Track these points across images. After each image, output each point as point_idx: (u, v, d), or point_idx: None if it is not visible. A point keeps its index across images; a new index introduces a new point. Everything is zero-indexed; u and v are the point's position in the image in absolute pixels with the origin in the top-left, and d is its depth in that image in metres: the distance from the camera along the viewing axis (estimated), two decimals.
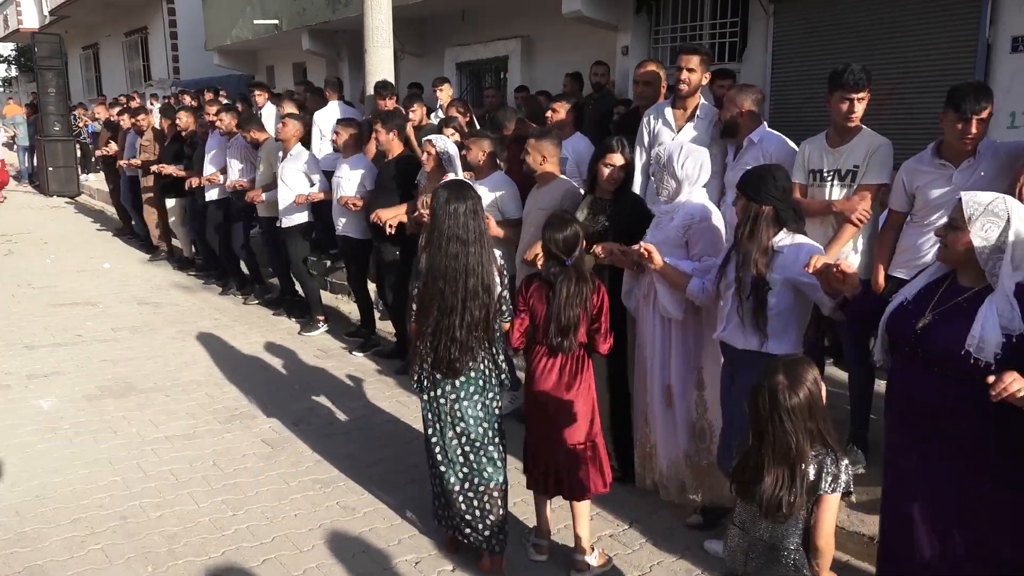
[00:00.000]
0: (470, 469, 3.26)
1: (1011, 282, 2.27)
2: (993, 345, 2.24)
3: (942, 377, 2.36)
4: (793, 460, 2.14)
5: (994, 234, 2.29)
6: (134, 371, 5.72)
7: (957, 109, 3.27)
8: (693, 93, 4.35)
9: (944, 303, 2.40)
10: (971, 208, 2.32)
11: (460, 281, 3.07)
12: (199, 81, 15.47)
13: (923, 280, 2.53)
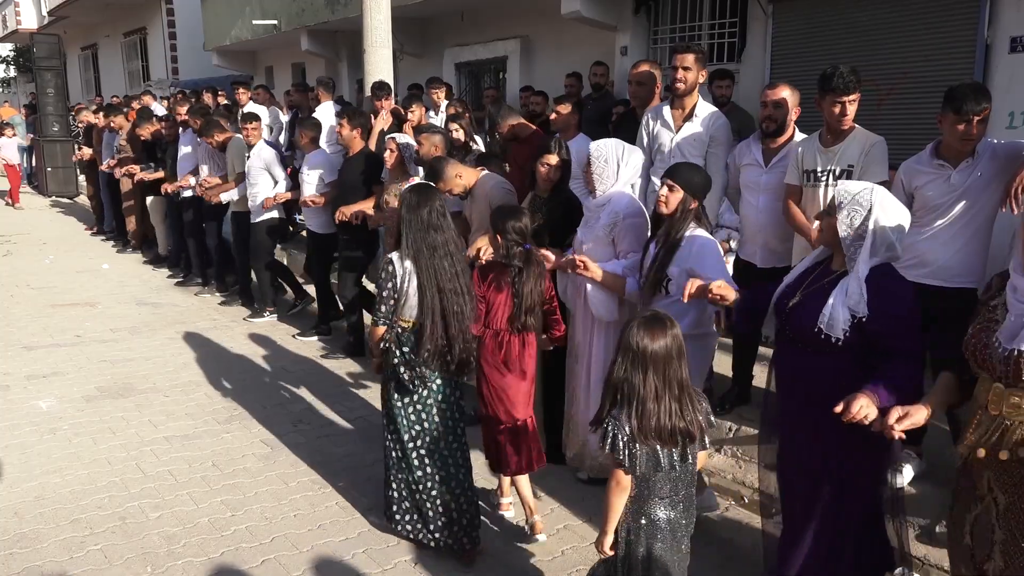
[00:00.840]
0: (457, 467, 3.39)
1: (865, 268, 2.45)
2: (840, 323, 2.43)
3: (805, 352, 2.57)
4: (684, 389, 2.39)
5: (857, 222, 2.46)
6: (133, 372, 5.72)
7: (957, 111, 3.27)
8: (690, 92, 4.34)
9: (812, 285, 2.60)
10: (841, 196, 2.50)
11: (460, 290, 3.24)
12: (198, 81, 15.46)
13: (805, 264, 2.75)
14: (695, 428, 2.39)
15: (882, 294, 2.44)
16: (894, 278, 2.51)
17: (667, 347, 2.36)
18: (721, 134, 4.35)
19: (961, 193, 3.37)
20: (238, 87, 9.61)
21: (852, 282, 2.47)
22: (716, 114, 4.40)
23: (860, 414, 2.27)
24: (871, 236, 2.46)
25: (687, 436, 2.38)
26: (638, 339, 2.36)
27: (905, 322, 2.47)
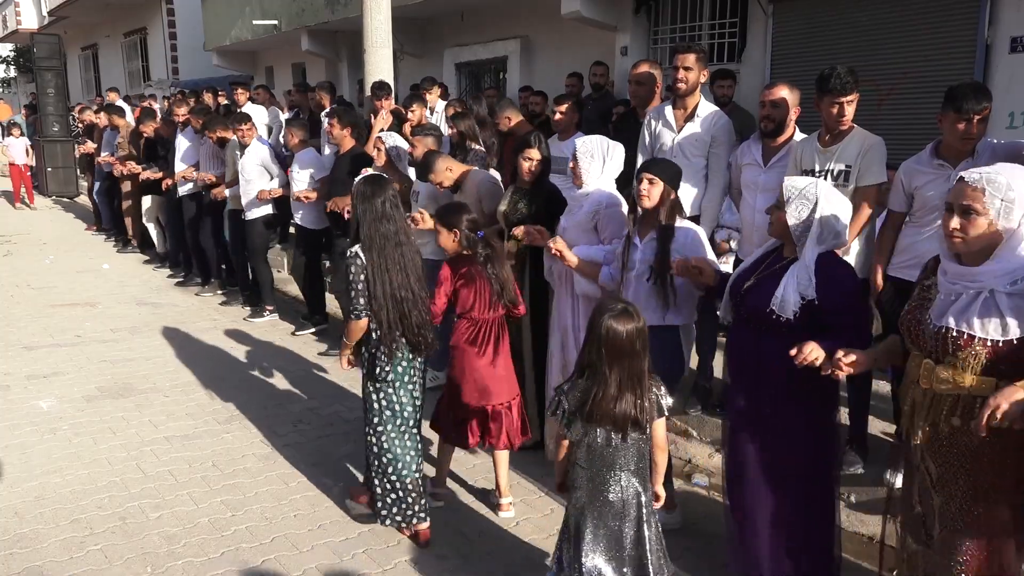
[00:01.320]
0: (416, 449, 3.53)
1: (812, 255, 2.70)
2: (791, 305, 2.66)
3: (757, 332, 2.78)
4: (642, 381, 2.54)
5: (804, 214, 2.70)
6: (133, 372, 5.72)
7: (959, 110, 3.27)
8: (692, 92, 4.34)
9: (766, 271, 2.83)
10: (789, 191, 2.74)
11: (411, 275, 3.39)
12: (198, 81, 15.47)
13: (760, 252, 2.99)
14: (644, 417, 2.55)
15: (828, 278, 2.68)
16: (839, 264, 2.77)
17: (632, 339, 2.50)
18: (723, 134, 4.35)
19: None
20: (237, 87, 9.64)
21: (801, 268, 2.70)
22: (718, 114, 4.40)
23: (811, 356, 2.49)
24: (817, 226, 2.69)
25: (636, 423, 2.55)
26: (606, 329, 2.50)
27: (849, 303, 2.70)
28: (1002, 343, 2.14)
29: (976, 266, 2.19)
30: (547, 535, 3.54)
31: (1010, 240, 2.16)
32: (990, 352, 2.15)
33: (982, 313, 2.16)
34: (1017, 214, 2.15)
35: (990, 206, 2.14)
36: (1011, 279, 2.14)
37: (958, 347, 2.18)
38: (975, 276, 2.18)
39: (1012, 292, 2.13)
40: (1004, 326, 2.13)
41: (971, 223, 2.17)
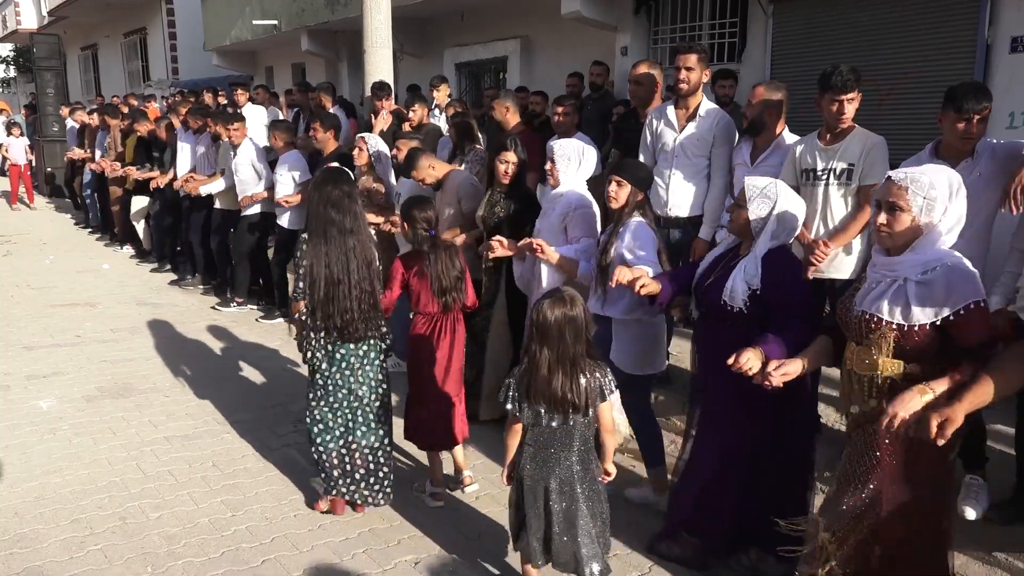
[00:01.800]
0: (368, 428, 3.63)
1: (763, 248, 2.89)
2: (740, 294, 2.85)
3: (716, 325, 2.99)
4: (576, 364, 2.68)
5: (764, 212, 2.89)
6: (133, 372, 5.72)
7: (959, 110, 3.27)
8: (694, 92, 4.34)
9: (724, 268, 3.01)
10: (751, 191, 2.92)
11: (351, 262, 3.46)
12: (198, 82, 15.46)
13: (719, 251, 3.18)
14: (581, 400, 2.67)
15: (777, 271, 2.86)
16: (788, 258, 2.96)
17: (561, 324, 2.65)
18: (724, 134, 4.35)
19: None
20: (236, 88, 9.65)
21: (749, 260, 2.90)
22: (720, 114, 4.40)
23: (745, 365, 2.65)
24: (774, 222, 2.89)
25: (571, 405, 2.68)
26: (538, 314, 2.68)
27: (796, 294, 2.89)
28: (907, 328, 2.32)
29: (896, 257, 2.38)
30: None
31: (929, 234, 2.34)
32: (897, 335, 2.33)
33: (892, 299, 2.36)
34: (938, 211, 2.33)
35: (913, 203, 2.32)
36: (923, 269, 2.32)
37: (871, 329, 2.39)
38: (894, 266, 2.38)
39: (920, 281, 2.32)
40: (908, 312, 2.32)
41: (896, 219, 2.35)
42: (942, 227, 2.35)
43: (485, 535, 3.54)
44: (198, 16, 15.78)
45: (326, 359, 3.54)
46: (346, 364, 3.55)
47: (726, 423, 3.06)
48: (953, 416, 2.12)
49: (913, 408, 2.21)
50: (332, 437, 3.60)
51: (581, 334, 2.68)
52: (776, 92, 4.08)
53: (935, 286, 2.30)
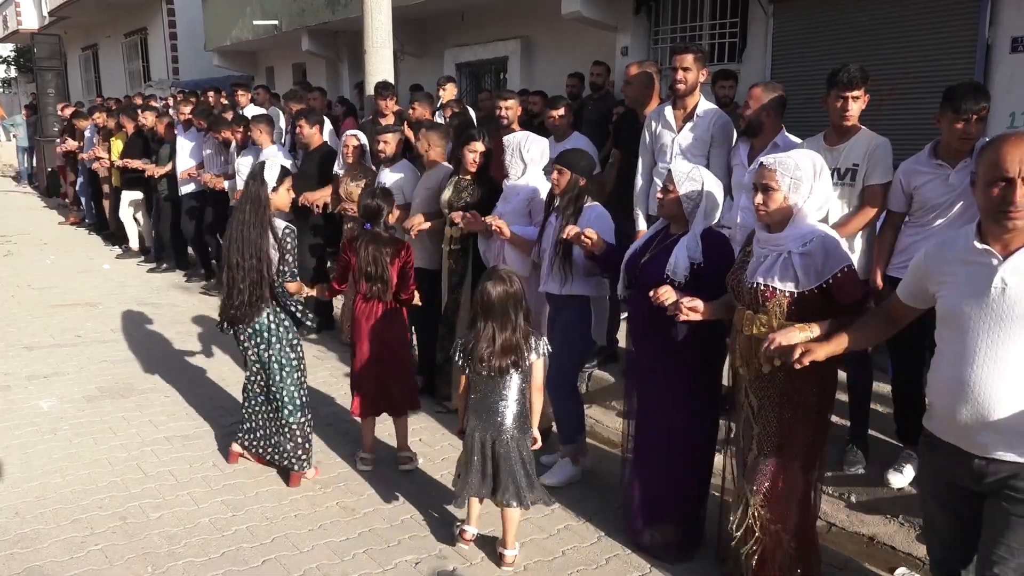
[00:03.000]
0: (272, 404, 3.99)
1: (700, 227, 3.18)
2: (682, 269, 3.13)
3: (648, 298, 3.13)
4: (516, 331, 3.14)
5: (694, 192, 3.18)
6: (134, 372, 5.72)
7: (956, 110, 3.27)
8: (691, 92, 4.34)
9: (658, 246, 3.30)
10: (678, 176, 3.22)
11: (244, 248, 3.78)
12: (198, 82, 15.47)
13: (650, 232, 3.45)
14: (511, 362, 3.13)
15: (711, 247, 3.18)
16: (719, 236, 3.27)
17: (503, 299, 3.10)
18: (722, 133, 4.35)
19: (960, 193, 3.37)
20: (238, 88, 9.66)
21: (691, 239, 3.18)
22: (718, 113, 4.40)
23: (663, 295, 2.98)
24: (705, 201, 3.18)
25: (512, 365, 3.14)
26: (482, 292, 3.14)
27: (725, 267, 3.08)
28: (796, 294, 2.68)
29: (778, 233, 2.73)
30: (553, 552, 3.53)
31: (801, 213, 2.70)
32: (789, 301, 2.69)
33: (781, 271, 2.70)
34: (804, 189, 2.68)
35: (782, 183, 2.68)
36: (802, 242, 2.68)
37: (766, 299, 2.72)
38: (777, 241, 2.73)
39: (802, 252, 2.67)
40: (796, 280, 2.67)
41: (769, 198, 2.71)
42: (811, 205, 2.71)
43: (485, 535, 3.54)
44: (199, 16, 15.79)
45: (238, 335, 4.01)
46: (260, 340, 3.94)
47: (664, 389, 3.30)
48: (814, 350, 2.50)
49: (792, 339, 2.57)
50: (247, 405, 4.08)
51: (519, 305, 3.14)
52: (773, 92, 4.08)
53: (815, 256, 2.65)
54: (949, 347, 2.21)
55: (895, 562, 3.28)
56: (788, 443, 2.79)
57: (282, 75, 15.39)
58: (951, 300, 2.20)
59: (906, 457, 3.70)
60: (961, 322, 2.16)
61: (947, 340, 2.23)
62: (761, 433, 2.83)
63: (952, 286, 2.20)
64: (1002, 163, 2.03)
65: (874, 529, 3.49)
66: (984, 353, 2.10)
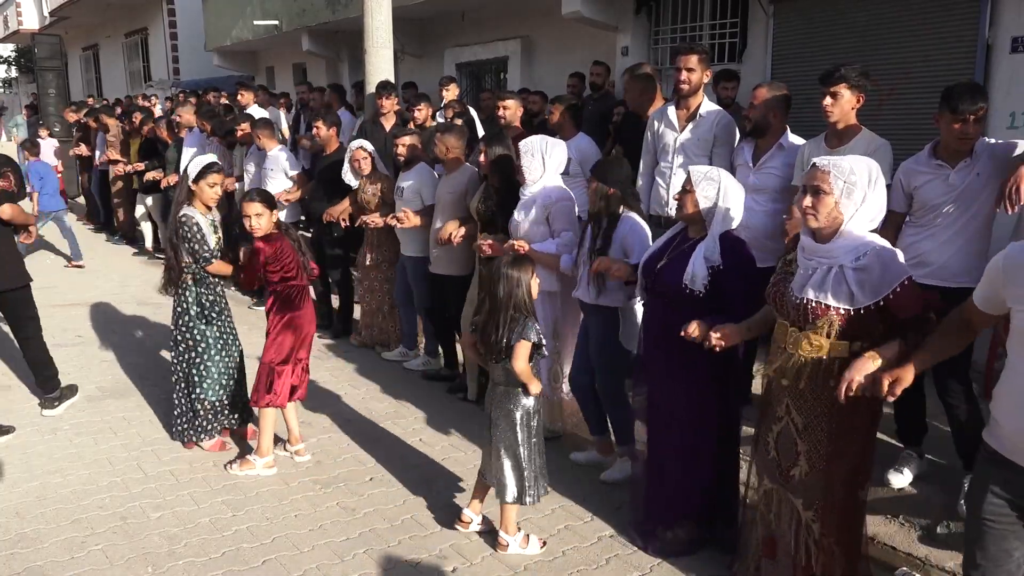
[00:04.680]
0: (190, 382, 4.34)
1: (719, 230, 3.10)
2: (701, 278, 3.05)
3: (667, 305, 3.19)
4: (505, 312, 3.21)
5: (712, 194, 3.09)
6: (134, 372, 5.72)
7: (954, 110, 3.28)
8: (694, 92, 4.34)
9: (675, 250, 3.22)
10: (696, 177, 3.14)
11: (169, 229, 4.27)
12: (199, 82, 15.47)
13: (667, 235, 3.35)
14: (503, 344, 3.20)
15: (734, 254, 3.09)
16: (740, 243, 3.17)
17: (496, 279, 3.22)
18: (725, 134, 4.35)
19: (960, 193, 3.37)
20: (241, 88, 9.66)
21: (709, 241, 3.10)
22: (720, 114, 4.40)
23: (692, 331, 2.93)
24: (724, 204, 3.10)
25: (500, 349, 3.21)
26: (494, 268, 3.31)
27: (744, 271, 3.10)
28: (852, 311, 2.52)
29: (826, 244, 2.57)
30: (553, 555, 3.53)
31: (852, 219, 2.54)
32: (842, 320, 2.53)
33: (834, 286, 2.53)
34: (857, 195, 2.52)
35: (835, 186, 2.51)
36: (855, 255, 2.52)
37: (816, 315, 2.57)
38: (827, 252, 2.56)
39: (856, 267, 2.51)
40: (851, 296, 2.51)
41: (820, 201, 2.54)
42: (864, 215, 2.55)
43: (486, 534, 3.54)
44: (199, 16, 15.78)
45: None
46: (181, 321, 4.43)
47: (678, 397, 3.26)
48: (903, 376, 2.34)
49: (867, 371, 2.42)
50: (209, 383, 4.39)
51: (512, 291, 3.20)
52: (778, 92, 4.08)
53: (871, 270, 2.49)
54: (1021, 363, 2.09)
55: (895, 562, 3.28)
56: (838, 460, 2.68)
57: (282, 75, 15.39)
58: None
59: (906, 457, 3.70)
60: None
61: (1021, 355, 2.10)
62: (811, 451, 2.71)
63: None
64: None
65: (874, 529, 3.49)
66: None
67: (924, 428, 3.77)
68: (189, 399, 4.38)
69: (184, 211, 4.23)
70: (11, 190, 4.87)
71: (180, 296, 4.37)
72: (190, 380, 4.36)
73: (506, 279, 3.22)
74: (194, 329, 4.36)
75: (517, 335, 3.21)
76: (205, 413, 4.36)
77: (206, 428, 4.38)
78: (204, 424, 4.38)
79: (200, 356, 4.36)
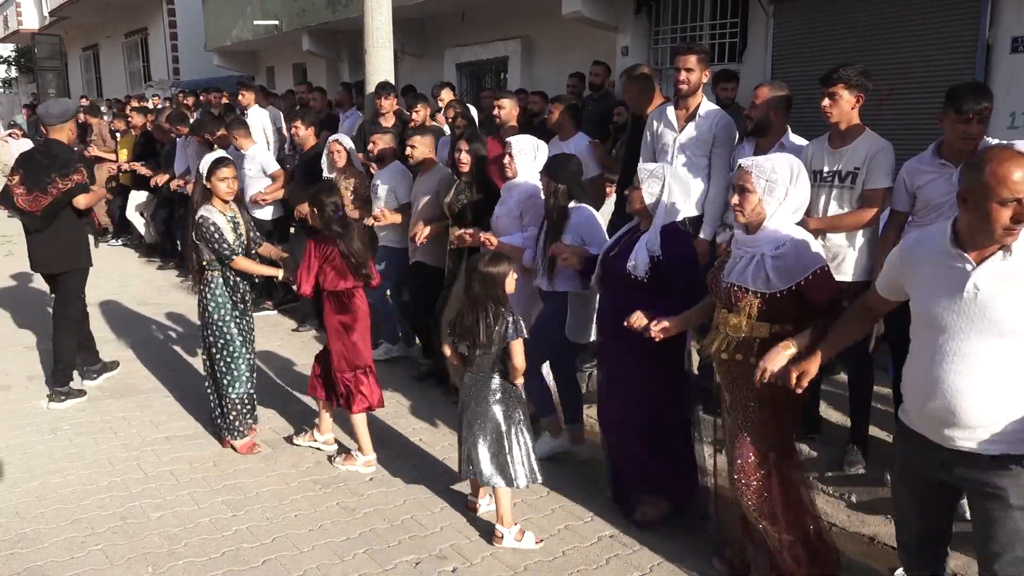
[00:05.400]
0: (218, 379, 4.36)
1: (660, 223, 3.34)
2: (643, 265, 3.29)
3: (616, 292, 3.43)
4: (487, 308, 3.32)
5: (656, 190, 3.34)
6: (134, 371, 5.72)
7: (958, 110, 3.28)
8: (694, 92, 4.34)
9: (627, 243, 3.45)
10: (642, 173, 3.40)
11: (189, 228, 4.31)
12: (199, 82, 15.47)
13: (624, 229, 3.60)
14: (485, 338, 3.31)
15: (675, 244, 3.33)
16: (680, 231, 3.44)
17: (485, 276, 3.29)
18: (724, 133, 4.35)
19: None
20: (242, 88, 9.66)
21: (651, 233, 3.34)
22: (719, 114, 4.40)
23: (636, 323, 3.17)
24: (667, 199, 3.34)
25: (482, 341, 3.32)
26: (471, 266, 3.38)
27: (685, 262, 3.35)
28: (768, 295, 2.75)
29: (752, 235, 2.82)
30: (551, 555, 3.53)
31: (775, 214, 2.78)
32: (760, 303, 2.76)
33: (754, 272, 2.78)
34: (779, 192, 2.75)
35: (757, 185, 2.75)
36: (775, 245, 2.76)
37: (738, 299, 2.80)
38: (752, 243, 2.82)
39: (774, 255, 2.75)
40: (768, 282, 2.75)
41: (745, 199, 2.78)
42: (786, 209, 2.79)
43: (486, 534, 3.54)
44: (199, 16, 15.79)
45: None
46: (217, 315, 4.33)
47: (630, 378, 3.49)
48: (808, 368, 2.59)
49: (780, 363, 2.65)
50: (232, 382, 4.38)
51: (489, 289, 3.30)
52: (780, 91, 4.08)
53: (787, 258, 2.74)
54: (922, 344, 2.30)
55: (895, 562, 3.27)
56: (760, 434, 2.88)
57: (282, 75, 15.40)
58: (925, 300, 2.27)
59: None
60: (934, 322, 2.24)
61: (920, 338, 2.32)
62: (732, 425, 2.96)
63: (926, 286, 2.27)
64: (1014, 185, 2.05)
65: (874, 529, 3.49)
66: (954, 353, 2.19)
67: None
68: (219, 396, 4.39)
69: (201, 212, 4.24)
70: (84, 182, 5.14)
71: (204, 293, 4.33)
72: (217, 376, 4.36)
73: (483, 278, 3.32)
74: (221, 324, 4.33)
75: (511, 334, 3.32)
76: (232, 407, 4.36)
77: (237, 427, 4.39)
78: (235, 422, 4.38)
79: (224, 351, 4.35)
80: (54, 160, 5.05)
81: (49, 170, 5.00)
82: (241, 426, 4.39)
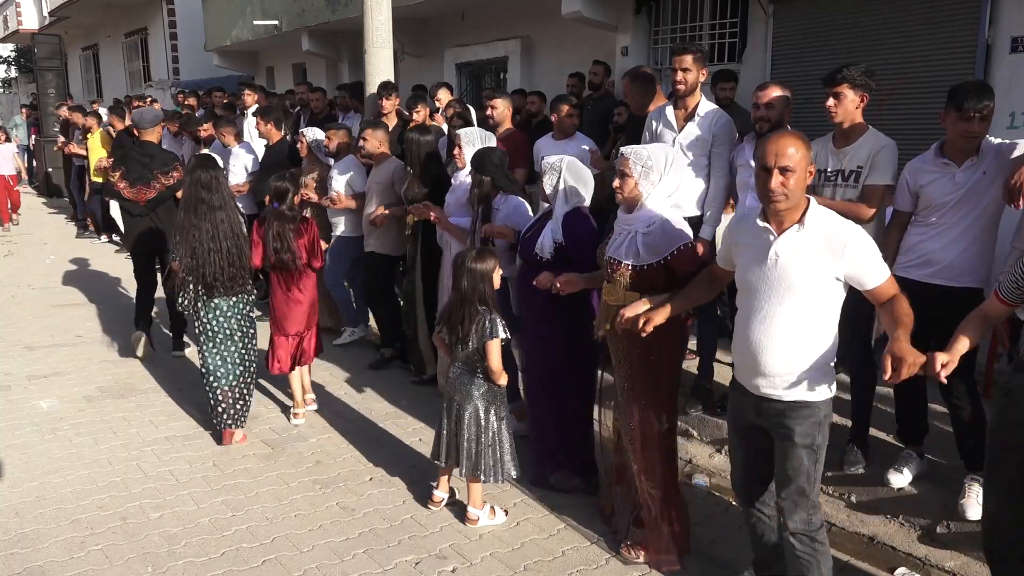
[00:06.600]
0: (244, 367, 4.51)
1: (561, 211, 3.71)
2: (548, 248, 3.68)
3: (530, 270, 3.70)
4: (472, 305, 3.44)
5: (554, 181, 3.72)
6: (134, 371, 5.72)
7: (960, 108, 3.27)
8: (691, 92, 4.34)
9: (539, 226, 3.82)
10: (544, 167, 3.76)
11: (221, 229, 4.32)
12: (199, 82, 15.46)
13: (539, 214, 3.95)
14: (466, 333, 3.43)
15: (573, 227, 3.67)
16: (581, 217, 3.74)
17: (471, 272, 3.42)
18: (724, 133, 4.35)
19: (966, 192, 3.37)
20: (246, 88, 9.66)
21: (553, 221, 3.71)
22: (718, 113, 4.39)
23: (541, 282, 3.50)
24: (564, 189, 3.70)
25: (464, 336, 3.44)
26: (457, 260, 3.52)
27: (587, 244, 3.61)
28: (638, 267, 3.10)
29: (630, 215, 3.17)
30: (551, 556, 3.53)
31: (649, 197, 3.14)
32: (632, 274, 3.11)
33: (627, 247, 3.14)
34: (653, 177, 3.11)
35: (634, 170, 3.12)
36: (647, 224, 3.12)
37: (614, 270, 3.16)
38: (629, 222, 3.18)
39: (645, 232, 3.11)
40: (638, 255, 3.10)
41: (624, 182, 3.15)
42: (660, 192, 3.14)
43: (486, 534, 3.54)
44: (199, 16, 15.77)
45: (202, 309, 4.38)
46: (219, 313, 4.40)
47: (545, 338, 3.83)
48: (653, 318, 2.90)
49: (636, 311, 2.97)
50: (222, 375, 4.43)
51: (475, 283, 3.43)
52: (787, 91, 4.09)
53: (655, 235, 3.09)
54: (741, 307, 2.70)
55: (895, 562, 3.28)
56: (637, 389, 3.23)
57: (282, 75, 15.38)
58: (743, 268, 2.68)
59: (906, 457, 3.70)
60: (748, 286, 2.65)
61: (741, 302, 2.70)
62: (616, 382, 3.33)
63: (745, 256, 2.67)
64: (764, 156, 2.48)
65: (874, 529, 3.49)
66: (761, 313, 2.59)
67: (925, 428, 3.77)
68: (211, 388, 4.46)
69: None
70: (183, 178, 5.57)
71: (247, 290, 4.56)
72: (207, 368, 4.44)
73: (470, 273, 3.43)
74: (206, 317, 4.42)
75: (488, 334, 3.42)
76: (225, 398, 4.43)
77: (225, 420, 4.46)
78: (223, 415, 4.45)
79: (209, 344, 4.43)
80: (152, 159, 5.89)
81: (150, 167, 5.84)
82: (229, 419, 4.46)
